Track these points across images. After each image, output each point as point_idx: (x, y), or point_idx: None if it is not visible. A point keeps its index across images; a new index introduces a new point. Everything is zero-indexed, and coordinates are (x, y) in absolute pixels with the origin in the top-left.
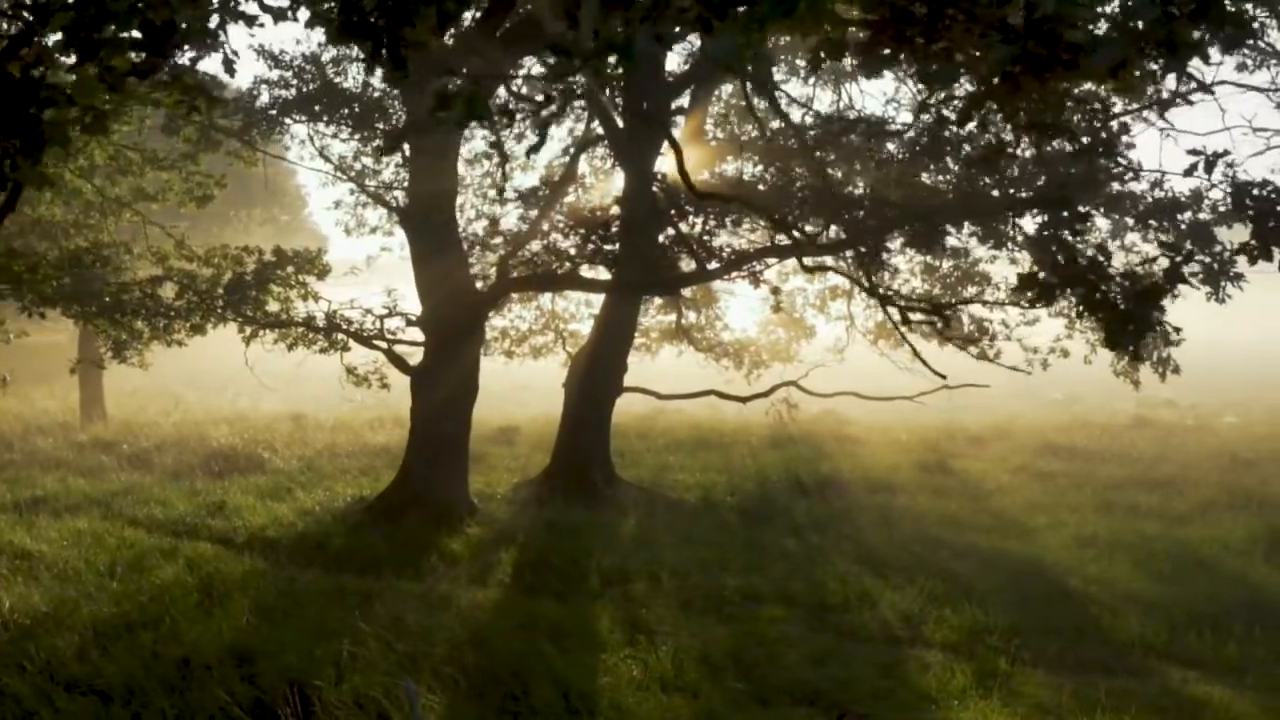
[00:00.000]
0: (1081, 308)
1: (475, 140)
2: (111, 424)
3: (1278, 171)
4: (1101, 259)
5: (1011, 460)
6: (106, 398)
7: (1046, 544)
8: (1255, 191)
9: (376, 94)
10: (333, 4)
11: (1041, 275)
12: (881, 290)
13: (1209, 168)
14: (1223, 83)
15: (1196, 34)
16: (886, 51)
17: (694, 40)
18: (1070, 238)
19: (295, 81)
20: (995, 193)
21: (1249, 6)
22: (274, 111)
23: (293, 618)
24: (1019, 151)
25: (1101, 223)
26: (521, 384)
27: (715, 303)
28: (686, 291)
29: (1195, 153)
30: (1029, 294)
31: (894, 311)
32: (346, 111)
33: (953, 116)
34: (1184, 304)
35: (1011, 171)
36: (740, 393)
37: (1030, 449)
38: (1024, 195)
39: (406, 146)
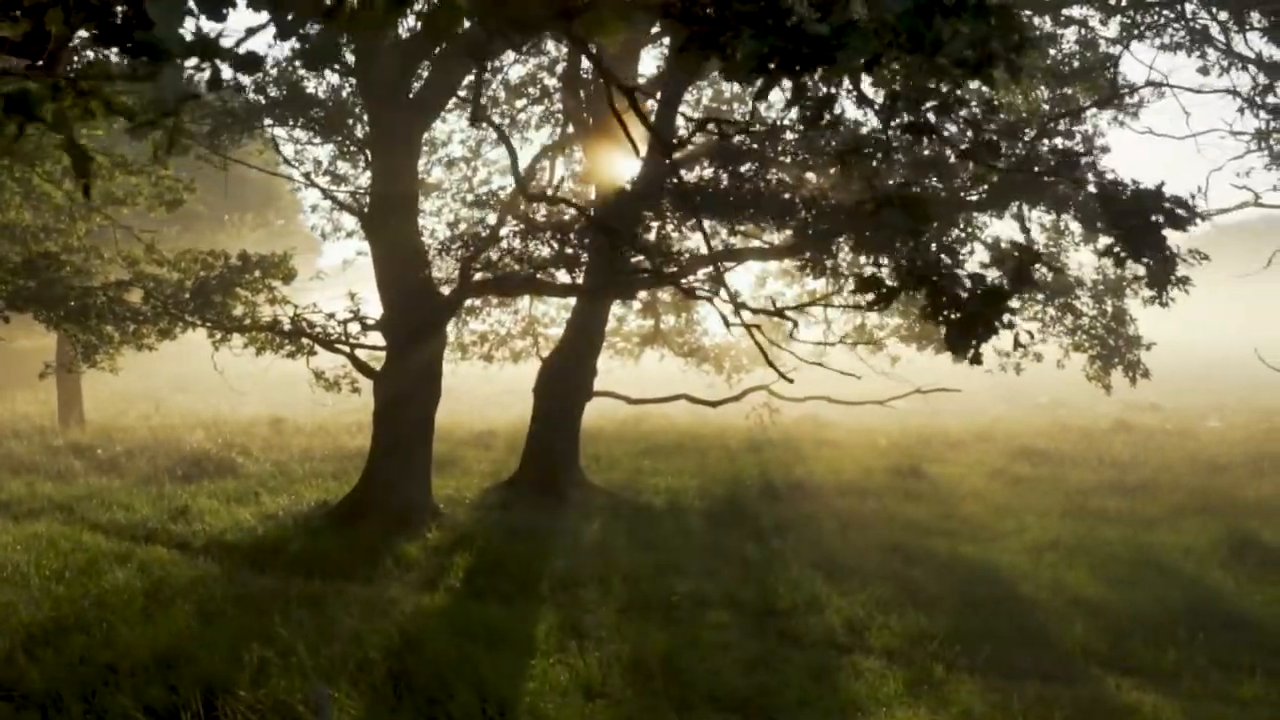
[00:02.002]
0: (928, 309)
1: (453, 145)
2: (89, 428)
3: (1242, 175)
4: (947, 260)
5: (987, 464)
6: (88, 402)
7: (1006, 549)
8: (1121, 194)
9: (346, 97)
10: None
11: (884, 277)
12: (716, 292)
13: (1069, 167)
14: (1160, 84)
15: (961, 30)
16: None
17: (665, 42)
18: (913, 239)
19: (262, 85)
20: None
21: (1214, 8)
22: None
23: (230, 623)
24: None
25: (1074, 225)
26: (504, 388)
27: (692, 307)
28: (664, 295)
29: (1059, 152)
30: (869, 297)
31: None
32: (315, 115)
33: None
34: (1186, 305)
35: (968, 172)
36: (722, 397)
37: (1007, 453)
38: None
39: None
